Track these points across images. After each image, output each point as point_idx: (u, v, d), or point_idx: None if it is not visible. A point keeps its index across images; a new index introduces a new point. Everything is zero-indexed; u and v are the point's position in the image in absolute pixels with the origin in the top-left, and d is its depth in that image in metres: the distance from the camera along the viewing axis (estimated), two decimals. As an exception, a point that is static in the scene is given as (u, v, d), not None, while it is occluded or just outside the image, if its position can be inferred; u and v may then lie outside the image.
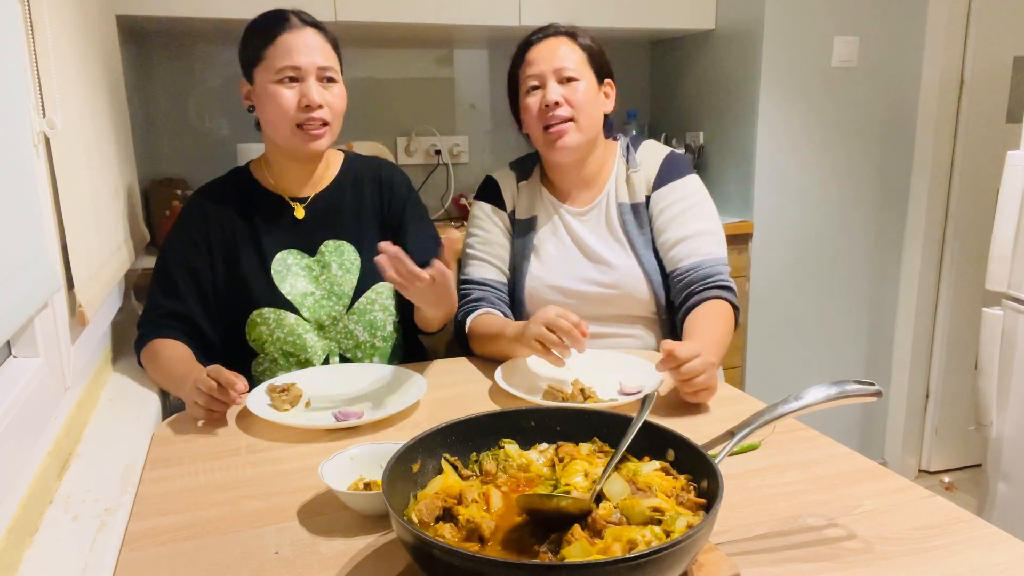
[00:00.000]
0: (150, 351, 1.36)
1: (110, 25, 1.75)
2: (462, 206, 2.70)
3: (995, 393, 1.88)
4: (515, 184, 1.63)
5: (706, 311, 1.42)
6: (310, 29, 1.37)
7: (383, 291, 1.49)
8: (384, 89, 2.70)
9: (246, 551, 0.84)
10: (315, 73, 1.35)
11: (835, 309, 2.73)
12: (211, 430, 1.17)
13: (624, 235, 1.56)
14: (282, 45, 1.35)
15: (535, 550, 0.72)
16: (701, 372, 1.17)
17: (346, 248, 1.48)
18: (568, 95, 1.48)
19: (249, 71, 1.40)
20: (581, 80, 1.49)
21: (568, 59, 1.49)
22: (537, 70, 1.49)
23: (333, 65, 1.38)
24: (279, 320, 1.42)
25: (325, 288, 1.45)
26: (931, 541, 0.82)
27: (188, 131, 2.53)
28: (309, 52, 1.35)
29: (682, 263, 1.49)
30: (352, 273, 1.47)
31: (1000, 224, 1.83)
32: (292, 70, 1.34)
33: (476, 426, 0.91)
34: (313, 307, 1.44)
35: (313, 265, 1.46)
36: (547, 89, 1.48)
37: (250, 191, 1.48)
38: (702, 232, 1.51)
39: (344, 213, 1.49)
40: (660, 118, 3.00)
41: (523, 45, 1.55)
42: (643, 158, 1.59)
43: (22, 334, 0.99)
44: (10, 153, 0.90)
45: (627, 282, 1.53)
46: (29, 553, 0.81)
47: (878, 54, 2.56)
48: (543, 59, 1.49)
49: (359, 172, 1.53)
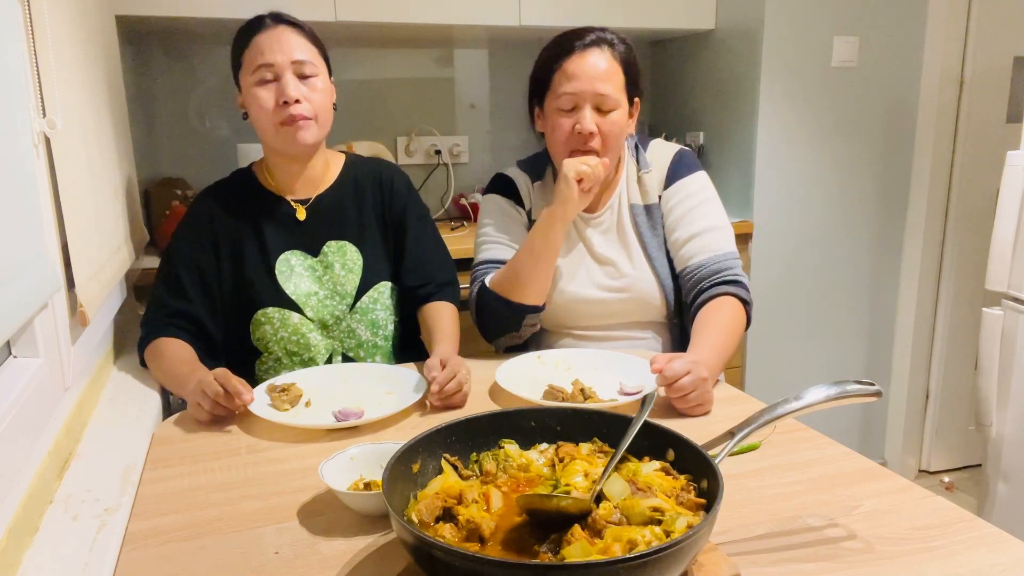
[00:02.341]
0: (154, 350, 1.36)
1: (110, 25, 1.75)
2: (462, 206, 2.69)
3: (995, 393, 1.88)
4: (529, 184, 1.61)
5: (713, 311, 1.40)
6: (284, 27, 1.38)
7: (384, 290, 1.50)
8: (384, 89, 2.70)
9: (246, 551, 0.84)
10: (291, 68, 1.36)
11: (835, 309, 2.73)
12: (211, 430, 1.17)
13: (637, 238, 1.54)
14: (255, 46, 1.36)
15: (535, 550, 0.72)
16: (692, 389, 1.16)
17: (348, 248, 1.48)
18: (602, 125, 1.42)
19: (236, 78, 1.42)
20: (617, 109, 1.43)
21: (609, 82, 1.42)
22: (576, 88, 1.42)
23: (310, 59, 1.38)
24: (283, 320, 1.43)
25: (328, 288, 1.46)
26: (931, 541, 0.82)
27: (188, 131, 2.53)
28: (283, 48, 1.35)
29: (691, 261, 1.47)
30: (355, 273, 1.48)
31: (1000, 224, 1.83)
32: (266, 68, 1.35)
33: (476, 426, 0.91)
34: (316, 307, 1.45)
35: (316, 265, 1.47)
36: (583, 117, 1.42)
37: (253, 193, 1.49)
38: (710, 228, 1.49)
39: (345, 214, 1.50)
40: (660, 118, 3.00)
41: (562, 48, 1.45)
42: (653, 158, 1.57)
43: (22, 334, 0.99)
44: (10, 153, 0.90)
45: (638, 287, 1.52)
46: (29, 553, 0.81)
47: (878, 54, 2.56)
48: (584, 77, 1.41)
49: (359, 173, 1.54)
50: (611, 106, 1.42)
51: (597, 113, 1.43)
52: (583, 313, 1.54)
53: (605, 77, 1.42)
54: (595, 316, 1.55)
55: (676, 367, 1.16)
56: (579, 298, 1.53)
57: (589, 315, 1.55)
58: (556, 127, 1.45)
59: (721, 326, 1.37)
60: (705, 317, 1.40)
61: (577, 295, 1.53)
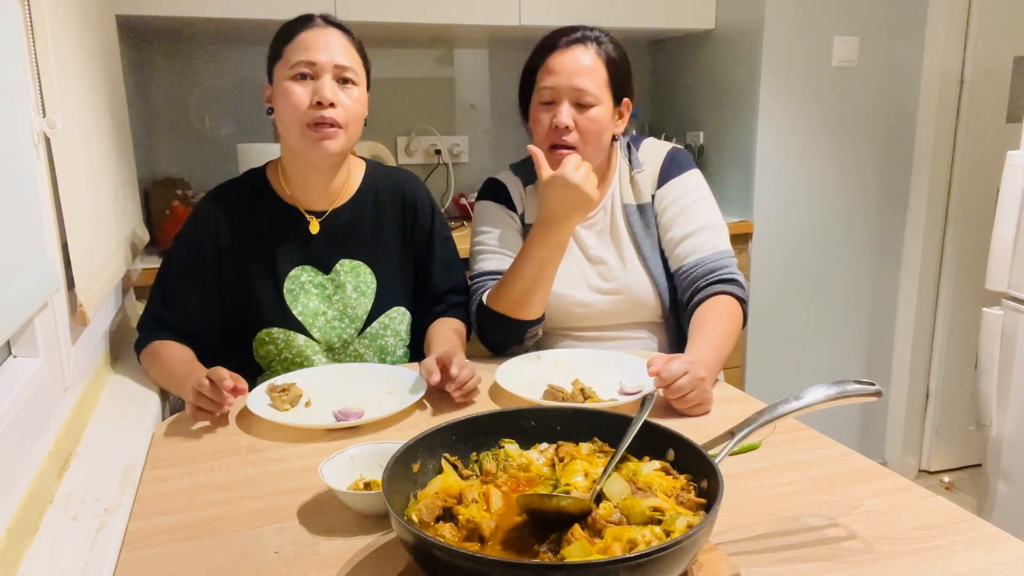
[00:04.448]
0: (151, 351, 1.35)
1: (110, 25, 1.75)
2: (462, 206, 2.70)
3: (995, 393, 1.88)
4: (522, 188, 1.60)
5: (710, 310, 1.39)
6: (333, 29, 1.34)
7: (396, 316, 1.46)
8: (384, 89, 2.70)
9: (246, 551, 0.84)
10: (332, 71, 1.31)
11: (835, 309, 2.73)
12: (211, 430, 1.17)
13: (631, 237, 1.54)
14: (300, 41, 1.32)
15: (535, 550, 0.72)
16: (691, 389, 1.16)
17: (363, 270, 1.44)
18: (580, 121, 1.42)
19: (270, 70, 1.37)
20: (597, 106, 1.42)
21: (589, 78, 1.41)
22: (554, 83, 1.42)
23: (353, 67, 1.33)
24: (288, 341, 1.39)
25: (338, 309, 1.42)
26: (931, 541, 0.82)
27: (188, 131, 2.53)
28: (328, 50, 1.31)
29: (687, 260, 1.47)
30: (367, 296, 1.43)
31: (1000, 224, 1.83)
32: (307, 65, 1.30)
33: (476, 426, 0.91)
34: (324, 328, 1.41)
35: (327, 283, 1.42)
36: (559, 111, 1.41)
37: (264, 200, 1.42)
38: (705, 227, 1.49)
39: (362, 231, 1.44)
40: (660, 118, 3.00)
41: (547, 45, 1.46)
42: (646, 157, 1.56)
43: (22, 334, 0.99)
44: (10, 153, 0.90)
45: (633, 288, 1.52)
46: (29, 553, 0.81)
47: (878, 54, 2.56)
48: (564, 72, 1.41)
49: (380, 187, 1.47)
50: (590, 102, 1.42)
51: (576, 108, 1.43)
52: (578, 316, 1.54)
53: (585, 72, 1.41)
54: (590, 317, 1.54)
55: (674, 368, 1.15)
56: (573, 301, 1.52)
57: (584, 317, 1.54)
58: (536, 121, 1.46)
59: (718, 325, 1.36)
60: (702, 316, 1.39)
61: (572, 298, 1.52)
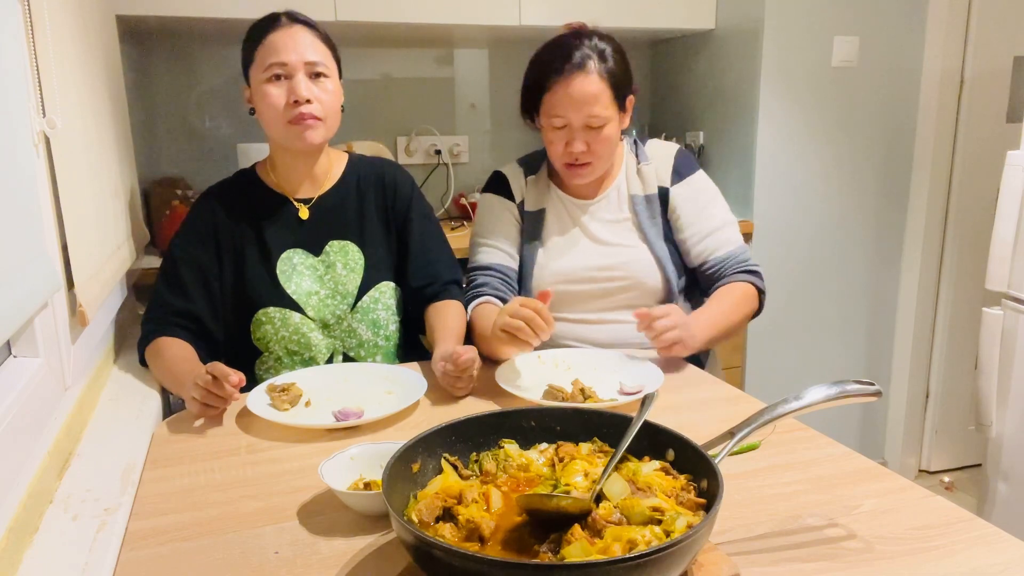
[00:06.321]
0: (154, 348, 1.37)
1: (110, 25, 1.75)
2: (462, 206, 2.70)
3: (995, 393, 1.88)
4: (523, 178, 1.65)
5: (724, 290, 1.51)
6: (299, 26, 1.39)
7: (386, 290, 1.50)
8: (384, 89, 2.70)
9: (246, 551, 0.84)
10: (303, 69, 1.37)
11: (835, 309, 2.73)
12: (211, 430, 1.17)
13: (636, 226, 1.58)
14: (270, 44, 1.37)
15: (535, 550, 0.72)
16: (673, 327, 1.28)
17: (351, 248, 1.49)
18: (593, 144, 1.48)
19: (246, 73, 1.43)
20: (606, 124, 1.47)
21: (598, 104, 1.45)
22: (564, 114, 1.46)
23: (323, 60, 1.39)
24: (284, 319, 1.43)
25: (330, 287, 1.47)
26: (931, 541, 0.82)
27: (188, 131, 2.53)
28: (296, 48, 1.36)
29: (715, 253, 1.55)
30: (356, 272, 1.48)
31: (1000, 224, 1.83)
32: (279, 67, 1.36)
33: (476, 426, 0.91)
34: (318, 306, 1.45)
35: (318, 265, 1.48)
36: (574, 140, 1.47)
37: (256, 192, 1.49)
38: (728, 223, 1.59)
39: (348, 213, 1.51)
40: (660, 118, 3.00)
41: (547, 68, 1.47)
42: (653, 152, 1.62)
43: (22, 334, 0.99)
44: (10, 153, 0.90)
45: (636, 268, 1.55)
46: (29, 553, 0.81)
47: (878, 54, 2.56)
48: (572, 104, 1.45)
49: (362, 173, 1.54)
50: (601, 124, 1.48)
51: (587, 131, 1.48)
52: (578, 295, 1.56)
53: (593, 100, 1.46)
54: (590, 297, 1.56)
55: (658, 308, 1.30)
56: (575, 279, 1.55)
57: (585, 296, 1.56)
58: (550, 142, 1.53)
59: (725, 300, 1.48)
60: (716, 293, 1.51)
61: (573, 277, 1.56)
